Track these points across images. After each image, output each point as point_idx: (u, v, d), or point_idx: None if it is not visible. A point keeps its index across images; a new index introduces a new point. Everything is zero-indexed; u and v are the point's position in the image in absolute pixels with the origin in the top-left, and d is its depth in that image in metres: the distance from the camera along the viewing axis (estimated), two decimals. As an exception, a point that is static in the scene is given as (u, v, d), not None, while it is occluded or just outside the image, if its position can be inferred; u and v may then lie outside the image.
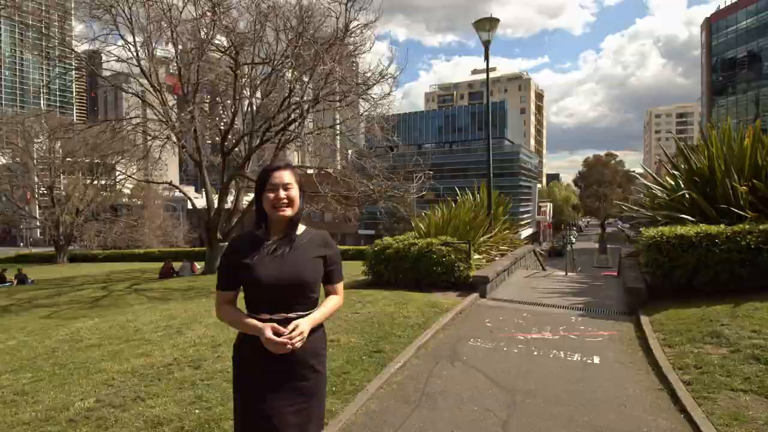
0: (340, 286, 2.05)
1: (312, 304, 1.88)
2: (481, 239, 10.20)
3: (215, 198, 16.27)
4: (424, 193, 13.15)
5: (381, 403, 3.61)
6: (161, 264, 18.20)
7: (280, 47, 12.88)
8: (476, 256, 9.05)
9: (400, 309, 6.41)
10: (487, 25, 11.52)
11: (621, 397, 3.76)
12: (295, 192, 1.87)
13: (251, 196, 18.06)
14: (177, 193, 47.81)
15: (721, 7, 59.41)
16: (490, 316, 6.49)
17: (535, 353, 4.94)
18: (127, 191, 34.59)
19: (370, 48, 13.68)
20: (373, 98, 12.41)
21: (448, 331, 5.71)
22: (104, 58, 15.92)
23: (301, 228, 1.94)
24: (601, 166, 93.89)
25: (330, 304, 1.98)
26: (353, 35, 11.71)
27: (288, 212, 1.85)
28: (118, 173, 23.68)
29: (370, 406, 3.56)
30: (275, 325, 1.75)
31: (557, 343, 5.34)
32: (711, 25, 60.38)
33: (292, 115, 12.58)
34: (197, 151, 15.48)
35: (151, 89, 14.59)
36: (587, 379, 4.19)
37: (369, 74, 12.86)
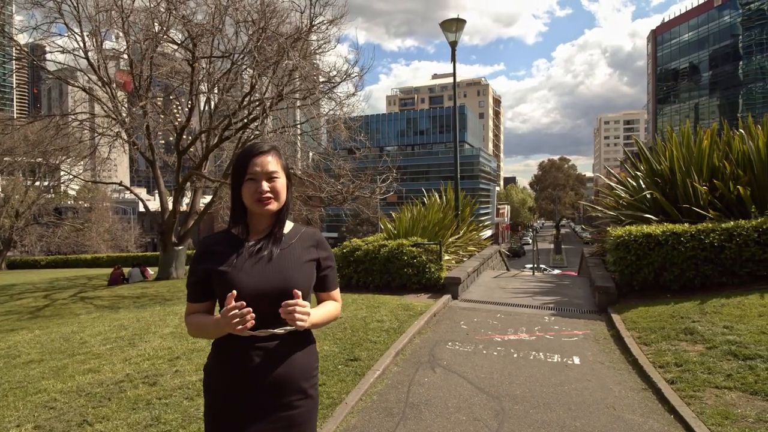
0: (336, 294, 1.71)
1: None
2: (450, 240, 10.10)
3: (169, 199, 15.42)
4: (391, 193, 12.95)
5: (362, 417, 3.33)
6: (110, 270, 17.07)
7: (241, 42, 12.35)
8: (446, 257, 8.92)
9: (372, 313, 6.14)
10: (453, 25, 11.49)
11: (608, 399, 3.65)
12: (281, 182, 1.54)
13: (208, 198, 17.29)
14: (127, 195, 45.59)
15: (666, 20, 63.06)
16: (465, 318, 6.34)
17: (515, 355, 4.80)
18: (72, 193, 32.46)
19: (335, 46, 13.40)
20: (340, 96, 12.11)
21: (424, 335, 5.49)
22: (48, 48, 14.74)
23: (288, 225, 1.62)
24: (555, 169, 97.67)
25: (327, 307, 1.64)
26: (318, 31, 11.38)
27: (273, 206, 1.52)
28: (62, 173, 22.09)
29: (351, 421, 3.26)
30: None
31: (535, 344, 5.24)
32: (656, 37, 63.95)
33: (254, 113, 12.05)
34: (150, 149, 14.60)
35: (99, 83, 13.62)
36: (571, 380, 4.08)
37: (334, 73, 12.55)
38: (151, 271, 16.52)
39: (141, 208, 43.48)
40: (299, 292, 1.43)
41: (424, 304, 6.81)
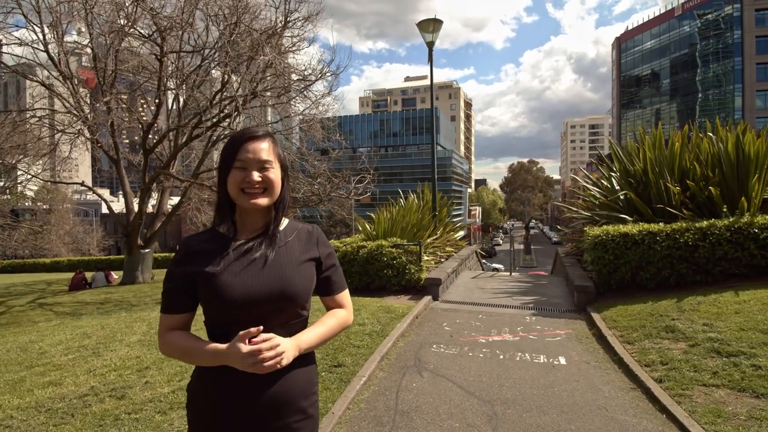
0: (344, 297, 1.51)
1: (302, 326, 1.37)
2: (428, 241, 10.02)
3: (135, 200, 14.78)
4: (368, 194, 12.79)
5: (351, 427, 3.15)
6: (71, 274, 16.26)
7: (212, 38, 11.93)
8: (425, 258, 8.82)
9: (354, 316, 5.96)
10: (431, 26, 11.44)
11: (599, 400, 3.60)
12: (275, 173, 1.33)
13: (176, 199, 16.69)
14: (89, 196, 43.69)
15: (629, 28, 65.36)
16: (447, 320, 6.25)
17: (501, 357, 4.72)
18: (30, 193, 30.78)
19: (309, 45, 13.13)
20: (315, 95, 11.85)
21: (408, 337, 5.36)
22: (4, 41, 13.84)
23: (282, 222, 1.42)
24: (524, 172, 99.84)
25: (330, 321, 1.42)
26: (293, 27, 11.09)
27: (263, 201, 1.31)
28: (19, 173, 20.87)
29: None
30: (248, 333, 1.19)
31: (519, 344, 5.19)
32: (620, 44, 66.17)
33: (226, 110, 11.64)
34: (114, 147, 13.94)
35: (60, 78, 12.90)
36: (559, 382, 4.02)
37: (309, 71, 12.29)
38: (116, 276, 15.81)
39: (104, 210, 41.61)
40: (258, 329, 1.19)
41: (405, 306, 6.68)
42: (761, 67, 49.24)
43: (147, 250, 14.68)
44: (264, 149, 1.32)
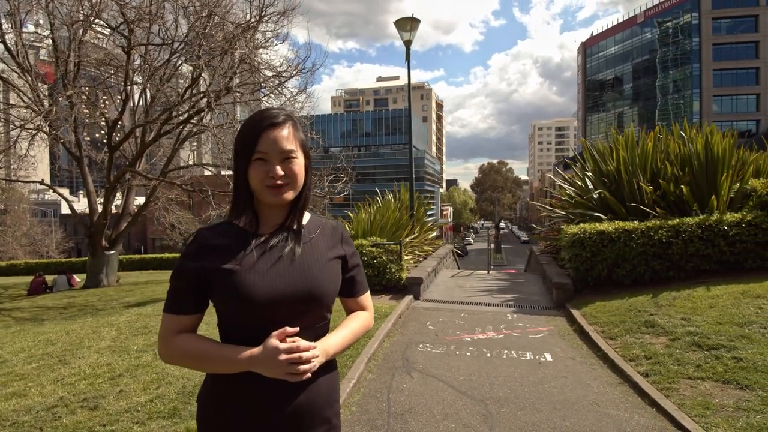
0: (367, 299, 1.39)
1: (326, 329, 1.25)
2: (407, 240, 9.98)
3: (99, 200, 14.13)
4: (345, 193, 12.64)
5: None
6: (30, 278, 15.39)
7: (181, 32, 11.52)
8: (405, 257, 8.78)
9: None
10: (408, 24, 11.42)
11: (589, 396, 3.61)
12: (299, 163, 1.20)
13: (141, 199, 16.04)
14: (48, 196, 41.63)
15: (594, 34, 67.42)
16: (431, 319, 6.20)
17: (488, 355, 4.71)
18: (-18, 193, 29.10)
19: (283, 41, 12.86)
20: (291, 92, 11.61)
21: (393, 338, 5.28)
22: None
23: (305, 216, 1.29)
24: (494, 172, 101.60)
25: (354, 324, 1.31)
26: (269, 22, 10.81)
27: (288, 196, 1.18)
28: (-30, 171, 19.65)
29: (333, 435, 2.97)
30: (284, 332, 1.10)
31: (504, 342, 5.19)
32: (586, 49, 68.15)
33: (197, 106, 11.26)
34: (77, 145, 13.28)
35: (18, 70, 12.17)
36: (548, 378, 4.02)
37: (284, 68, 12.02)
38: (78, 279, 15.08)
39: (64, 210, 39.70)
40: (294, 330, 1.10)
41: (387, 306, 6.60)
42: (717, 73, 51.68)
43: (112, 252, 14.07)
44: (285, 137, 1.17)
